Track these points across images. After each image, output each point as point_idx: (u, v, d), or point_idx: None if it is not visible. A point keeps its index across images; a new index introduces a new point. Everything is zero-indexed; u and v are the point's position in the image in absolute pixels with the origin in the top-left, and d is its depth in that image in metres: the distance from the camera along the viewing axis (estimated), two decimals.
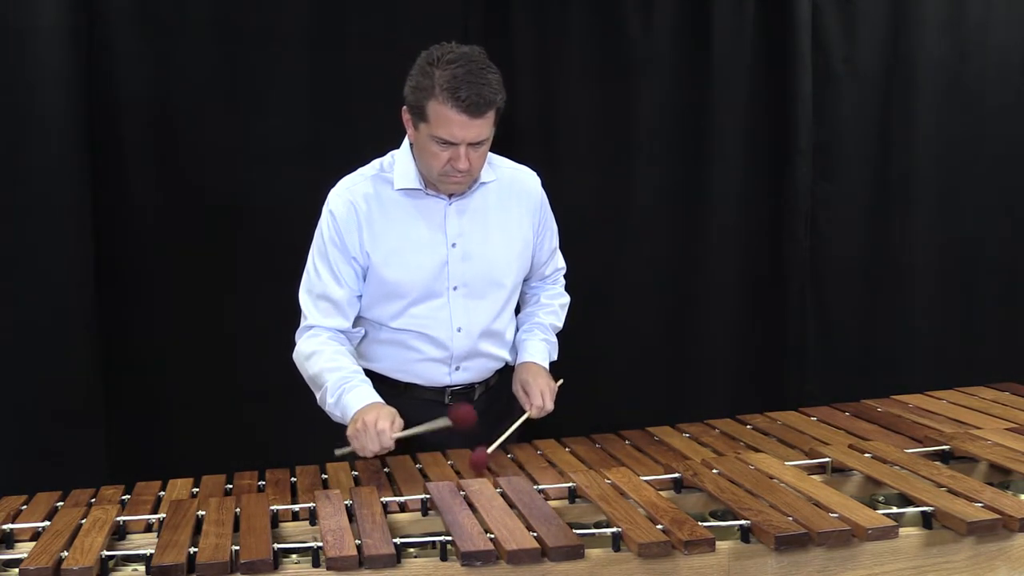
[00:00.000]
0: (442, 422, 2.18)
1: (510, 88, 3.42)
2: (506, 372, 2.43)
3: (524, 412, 2.29)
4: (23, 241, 3.01)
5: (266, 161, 3.28)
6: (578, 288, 3.59)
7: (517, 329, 2.46)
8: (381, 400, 2.16)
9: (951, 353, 3.86)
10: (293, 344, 3.33)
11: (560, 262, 2.55)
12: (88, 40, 3.06)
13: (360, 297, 2.28)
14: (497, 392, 2.42)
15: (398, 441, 2.10)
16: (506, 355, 2.40)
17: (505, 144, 2.67)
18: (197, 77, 3.21)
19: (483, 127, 2.10)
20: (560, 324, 2.50)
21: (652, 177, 3.61)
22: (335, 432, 2.22)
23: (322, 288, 2.25)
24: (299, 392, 3.32)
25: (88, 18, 3.06)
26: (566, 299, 2.55)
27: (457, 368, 2.32)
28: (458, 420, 2.17)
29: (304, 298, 2.28)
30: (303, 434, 3.26)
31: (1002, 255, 3.90)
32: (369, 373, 2.29)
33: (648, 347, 3.68)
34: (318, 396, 2.23)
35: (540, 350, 2.39)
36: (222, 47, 3.21)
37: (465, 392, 2.35)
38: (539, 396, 2.27)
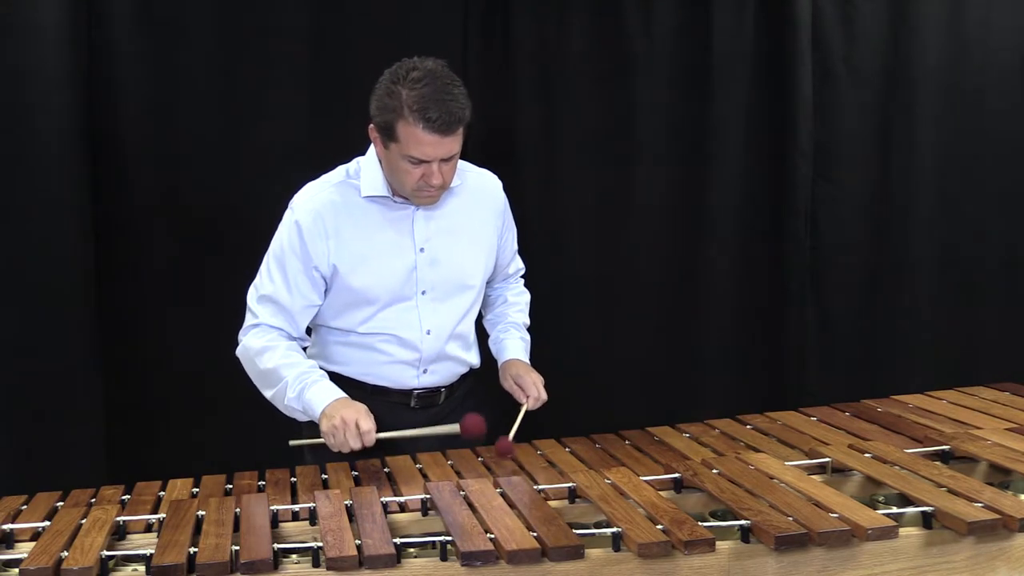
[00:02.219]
0: (446, 429, 2.23)
1: (509, 88, 3.48)
2: (469, 376, 2.45)
3: (521, 405, 2.34)
4: (23, 241, 3.01)
5: (265, 161, 3.28)
6: (578, 288, 3.60)
7: (484, 324, 2.52)
8: (345, 395, 2.18)
9: (951, 353, 3.85)
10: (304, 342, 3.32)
11: (520, 263, 2.59)
12: (88, 40, 3.06)
13: (314, 307, 2.28)
14: (462, 396, 2.43)
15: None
16: (471, 359, 2.42)
17: (505, 144, 2.68)
18: (197, 77, 3.21)
19: (454, 143, 2.12)
20: (528, 321, 2.56)
21: (652, 177, 3.61)
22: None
23: (272, 292, 2.25)
24: None
25: (88, 18, 3.06)
26: (528, 296, 2.61)
27: (425, 371, 2.33)
28: (468, 429, 2.21)
29: (251, 298, 2.29)
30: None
31: (1002, 255, 3.90)
32: (336, 376, 2.29)
33: (648, 347, 3.68)
34: (270, 393, 2.24)
35: (521, 348, 2.47)
36: (222, 47, 3.22)
37: (431, 395, 2.36)
38: (533, 387, 2.34)
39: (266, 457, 2.30)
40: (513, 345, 2.46)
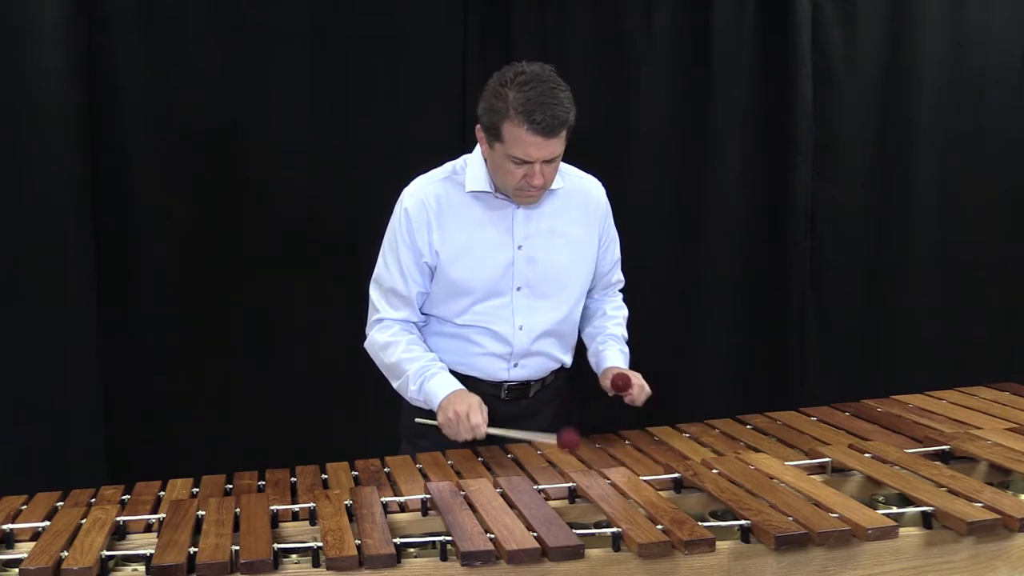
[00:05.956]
0: (545, 438, 2.22)
1: None
2: (561, 372, 2.49)
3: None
4: (23, 241, 3.01)
5: (265, 161, 3.28)
6: None
7: (583, 337, 2.53)
8: (462, 387, 2.27)
9: (951, 353, 3.85)
10: (304, 343, 3.33)
11: (620, 275, 2.59)
12: (88, 40, 3.06)
13: (427, 293, 2.35)
14: (552, 391, 2.47)
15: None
16: (564, 357, 2.46)
17: None
18: (197, 77, 3.21)
19: (557, 145, 2.18)
20: (627, 335, 2.57)
21: (652, 177, 3.61)
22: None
23: (391, 283, 2.33)
24: (299, 392, 3.34)
25: (88, 18, 3.06)
26: (626, 311, 2.61)
27: (516, 365, 2.38)
28: (564, 444, 2.19)
29: (374, 291, 2.38)
30: (303, 434, 3.28)
31: (1002, 255, 3.90)
32: None
33: (648, 347, 3.66)
34: (396, 384, 2.35)
35: (621, 359, 2.48)
36: (222, 47, 3.21)
37: (521, 388, 2.41)
38: (635, 378, 2.37)
39: (266, 457, 2.30)
40: (613, 356, 2.46)
